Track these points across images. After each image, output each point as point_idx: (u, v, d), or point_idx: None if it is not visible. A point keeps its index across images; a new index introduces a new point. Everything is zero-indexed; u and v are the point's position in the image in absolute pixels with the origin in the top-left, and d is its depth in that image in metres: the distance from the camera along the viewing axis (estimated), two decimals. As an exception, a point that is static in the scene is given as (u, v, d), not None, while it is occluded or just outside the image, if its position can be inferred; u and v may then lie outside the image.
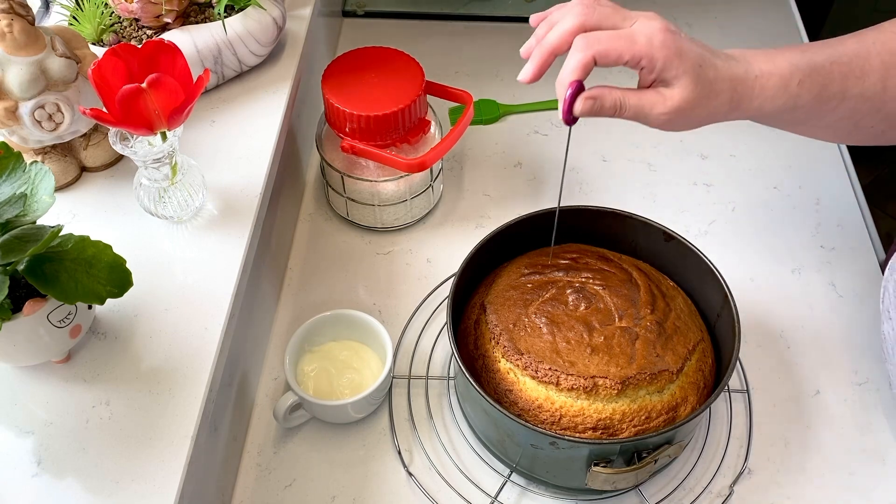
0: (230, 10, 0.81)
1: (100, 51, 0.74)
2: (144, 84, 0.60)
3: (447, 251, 0.91)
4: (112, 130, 0.65)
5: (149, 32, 0.79)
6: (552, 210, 0.74)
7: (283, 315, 0.86)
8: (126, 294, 0.57)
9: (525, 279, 0.74)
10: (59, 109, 0.68)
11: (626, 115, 0.61)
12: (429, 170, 0.87)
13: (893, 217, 2.00)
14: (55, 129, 0.68)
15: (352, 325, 0.78)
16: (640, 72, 0.61)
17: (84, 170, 0.75)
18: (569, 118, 0.60)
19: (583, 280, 0.73)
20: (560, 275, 0.74)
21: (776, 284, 0.88)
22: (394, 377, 0.80)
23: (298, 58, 0.87)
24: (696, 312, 0.75)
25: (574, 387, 0.66)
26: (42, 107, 0.67)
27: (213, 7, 0.82)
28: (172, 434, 0.59)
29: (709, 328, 0.75)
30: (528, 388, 0.68)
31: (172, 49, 0.64)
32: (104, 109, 0.62)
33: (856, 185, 0.98)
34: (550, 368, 0.67)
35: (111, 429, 0.59)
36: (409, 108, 0.82)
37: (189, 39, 0.77)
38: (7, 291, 0.52)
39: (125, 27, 0.80)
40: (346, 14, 1.21)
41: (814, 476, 0.74)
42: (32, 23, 0.65)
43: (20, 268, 0.55)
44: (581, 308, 0.71)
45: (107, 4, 0.78)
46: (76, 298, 0.55)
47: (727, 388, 0.79)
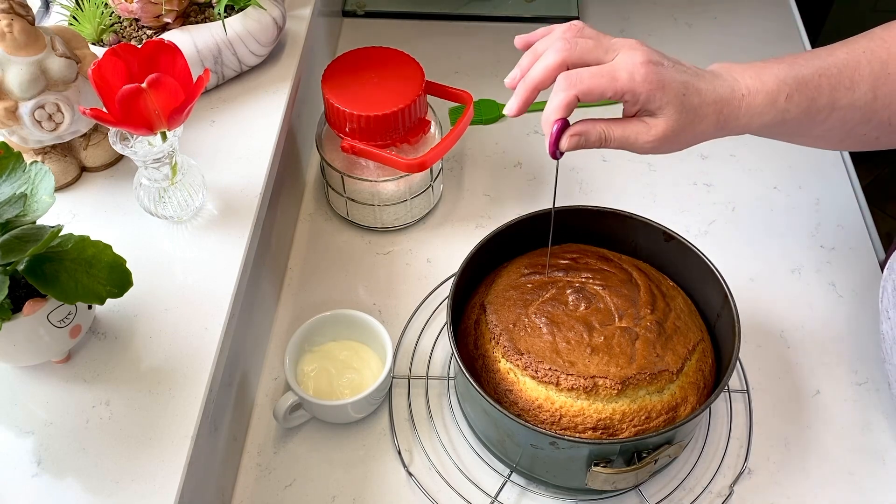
0: (230, 10, 0.81)
1: (100, 51, 0.74)
2: (144, 84, 0.60)
3: (447, 251, 0.91)
4: (112, 130, 0.65)
5: (149, 32, 0.79)
6: (551, 210, 0.74)
7: (283, 315, 0.86)
8: (126, 294, 0.57)
9: (525, 279, 0.74)
10: (59, 109, 0.68)
11: (612, 146, 0.62)
12: (429, 170, 0.87)
13: (893, 217, 2.00)
14: (55, 129, 0.68)
15: (352, 325, 0.78)
16: (625, 104, 0.62)
17: (84, 170, 0.75)
18: (555, 154, 0.62)
19: (583, 280, 0.73)
20: (560, 275, 0.74)
21: (776, 284, 0.88)
22: (394, 377, 0.80)
23: (298, 58, 0.87)
24: (696, 312, 0.75)
25: (574, 387, 0.66)
26: (42, 107, 0.67)
27: (213, 7, 0.82)
28: (172, 434, 0.59)
29: (709, 328, 0.75)
30: (528, 388, 0.68)
31: (172, 49, 0.64)
32: (104, 109, 0.62)
33: (856, 185, 0.98)
34: (550, 368, 0.67)
35: (111, 429, 0.59)
36: (409, 108, 0.82)
37: (189, 39, 0.77)
38: (7, 291, 0.52)
39: (125, 27, 0.80)
40: (346, 14, 1.21)
41: (814, 476, 0.74)
42: (32, 23, 0.65)
43: (20, 268, 0.55)
44: (581, 308, 0.71)
45: (107, 4, 0.78)
46: (76, 298, 0.55)
47: (727, 388, 0.79)
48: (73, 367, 0.62)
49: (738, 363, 0.82)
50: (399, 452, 0.75)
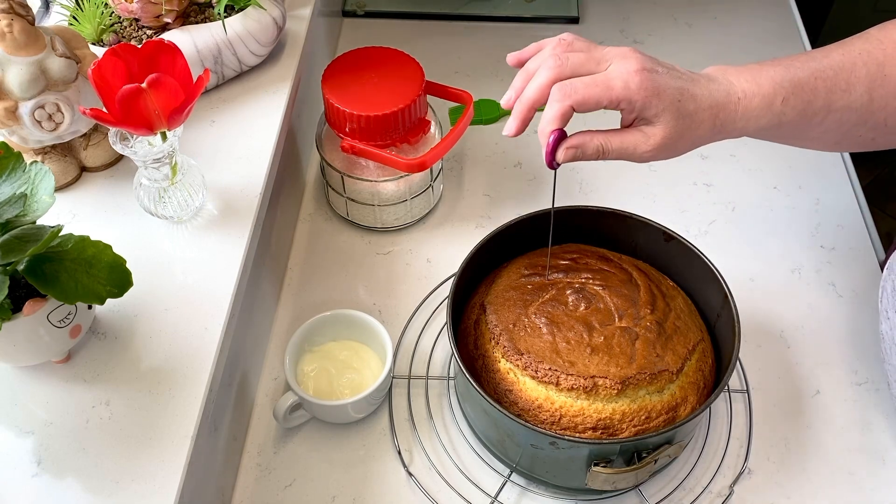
0: (230, 10, 0.81)
1: (100, 51, 0.74)
2: (144, 84, 0.60)
3: (447, 251, 0.91)
4: (112, 130, 0.65)
5: (149, 32, 0.79)
6: (551, 211, 0.74)
7: (283, 315, 0.86)
8: (126, 294, 0.57)
9: (525, 279, 0.74)
10: (59, 109, 0.68)
11: (611, 157, 0.63)
12: (429, 170, 0.87)
13: (893, 217, 2.00)
14: (55, 129, 0.68)
15: (352, 325, 0.78)
16: (622, 112, 0.62)
17: (84, 170, 0.75)
18: (552, 164, 0.63)
19: (583, 280, 0.73)
20: (560, 275, 0.74)
21: (776, 284, 0.88)
22: (394, 377, 0.80)
23: (298, 58, 0.87)
24: (696, 312, 0.75)
25: (574, 387, 0.66)
26: (42, 107, 0.67)
27: (213, 7, 0.82)
28: (172, 434, 0.59)
29: (709, 328, 0.75)
30: (528, 388, 0.68)
31: (172, 49, 0.64)
32: (104, 109, 0.62)
33: (856, 185, 0.98)
34: (550, 368, 0.67)
35: (111, 429, 0.59)
36: (409, 108, 0.82)
37: (189, 39, 0.77)
38: (7, 291, 0.52)
39: (125, 27, 0.80)
40: (346, 14, 1.21)
41: (814, 476, 0.74)
42: (32, 23, 0.65)
43: (20, 268, 0.55)
44: (581, 308, 0.71)
45: (107, 4, 0.78)
46: (76, 298, 0.55)
47: (727, 388, 0.79)
48: (73, 367, 0.62)
49: (738, 363, 0.82)
50: (399, 452, 0.75)
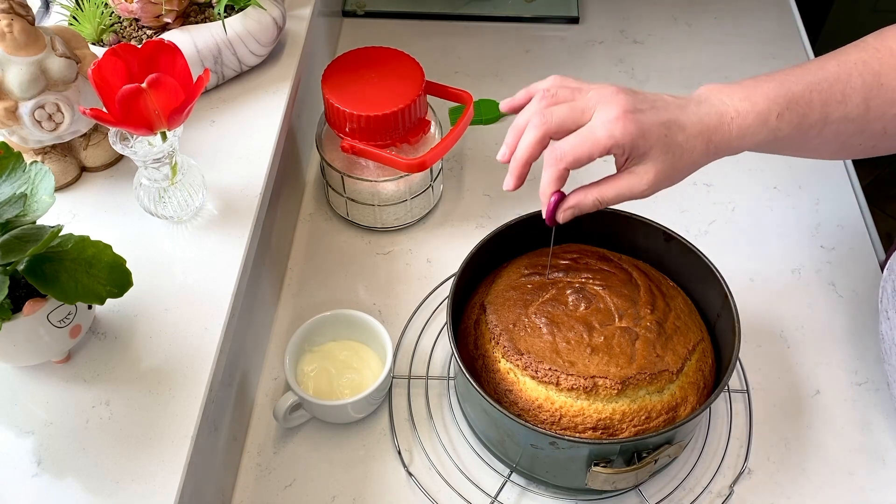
0: (230, 10, 0.81)
1: (100, 51, 0.74)
2: (144, 84, 0.60)
3: (447, 251, 0.91)
4: (112, 130, 0.65)
5: (149, 32, 0.79)
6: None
7: (283, 315, 0.86)
8: (126, 294, 0.57)
9: (525, 279, 0.74)
10: (59, 109, 0.68)
11: (611, 204, 0.65)
12: (429, 170, 0.87)
13: (893, 217, 2.00)
14: (55, 129, 0.68)
15: (352, 325, 0.78)
16: (614, 156, 0.63)
17: (84, 170, 0.75)
18: (552, 223, 0.66)
19: (583, 280, 0.73)
20: (560, 275, 0.74)
21: (776, 284, 0.88)
22: (394, 377, 0.80)
23: (298, 58, 0.87)
24: (696, 312, 0.75)
25: (574, 387, 0.66)
26: (42, 107, 0.67)
27: (213, 7, 0.82)
28: (172, 434, 0.59)
29: (709, 328, 0.75)
30: (528, 388, 0.68)
31: (172, 49, 0.64)
32: (104, 109, 0.62)
33: (856, 185, 0.98)
34: (550, 368, 0.67)
35: (111, 429, 0.59)
36: (409, 108, 0.82)
37: (189, 39, 0.77)
38: (7, 291, 0.52)
39: (125, 27, 0.80)
40: (346, 14, 1.21)
41: (814, 476, 0.74)
42: (32, 23, 0.65)
43: (20, 268, 0.55)
44: (581, 308, 0.71)
45: (107, 4, 0.78)
46: (76, 298, 0.55)
47: (727, 388, 0.79)
48: (73, 367, 0.62)
49: (738, 363, 0.82)
50: (399, 452, 0.75)
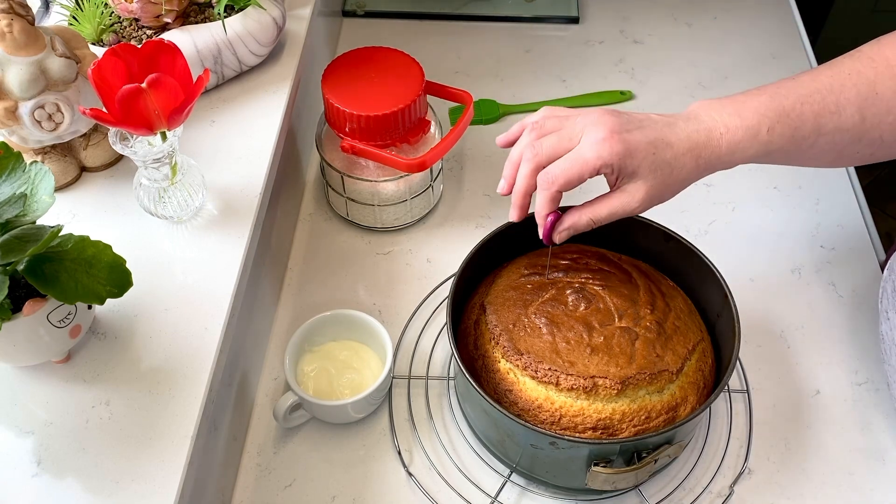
0: (230, 10, 0.81)
1: (100, 51, 0.74)
2: (144, 84, 0.60)
3: (447, 251, 0.91)
4: (112, 130, 0.65)
5: (149, 32, 0.79)
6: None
7: (283, 315, 0.86)
8: (126, 294, 0.57)
9: (525, 279, 0.74)
10: (59, 109, 0.68)
11: (605, 223, 0.66)
12: (429, 170, 0.87)
13: (893, 217, 2.00)
14: (55, 129, 0.68)
15: (352, 325, 0.78)
16: (605, 176, 0.64)
17: (84, 170, 0.75)
18: (549, 243, 0.68)
19: (582, 280, 0.73)
20: (560, 275, 0.74)
21: (776, 284, 0.88)
22: (394, 377, 0.80)
23: (298, 58, 0.87)
24: (696, 312, 0.75)
25: (574, 387, 0.66)
26: (42, 107, 0.67)
27: (213, 7, 0.82)
28: (172, 434, 0.59)
29: (709, 328, 0.75)
30: (528, 389, 0.68)
31: (172, 49, 0.64)
32: (104, 109, 0.62)
33: (856, 185, 0.98)
34: (550, 368, 0.67)
35: (111, 429, 0.59)
36: (409, 108, 0.82)
37: (189, 39, 0.77)
38: (7, 291, 0.52)
39: (125, 27, 0.80)
40: (346, 14, 1.21)
41: (814, 476, 0.74)
42: (32, 23, 0.65)
43: (20, 268, 0.55)
44: (581, 308, 0.71)
45: (107, 4, 0.78)
46: (76, 298, 0.55)
47: (727, 388, 0.79)
48: (73, 367, 0.62)
49: (738, 363, 0.82)
50: (399, 452, 0.75)
